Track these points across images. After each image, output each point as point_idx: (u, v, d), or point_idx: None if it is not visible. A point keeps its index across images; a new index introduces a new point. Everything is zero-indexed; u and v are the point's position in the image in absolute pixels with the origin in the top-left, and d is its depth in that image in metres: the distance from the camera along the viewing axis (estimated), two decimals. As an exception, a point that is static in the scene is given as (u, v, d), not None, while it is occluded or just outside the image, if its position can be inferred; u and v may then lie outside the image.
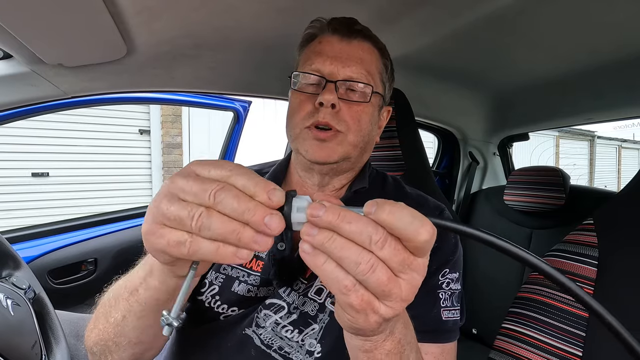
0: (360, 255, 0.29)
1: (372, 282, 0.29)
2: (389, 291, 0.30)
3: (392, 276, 0.30)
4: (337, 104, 0.60)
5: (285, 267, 0.60)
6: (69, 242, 1.49)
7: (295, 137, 0.64)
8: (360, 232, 0.29)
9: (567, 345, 0.59)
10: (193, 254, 0.32)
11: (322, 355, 0.55)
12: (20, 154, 4.24)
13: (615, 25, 0.88)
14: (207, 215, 0.30)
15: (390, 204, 0.30)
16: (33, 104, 0.95)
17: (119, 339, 0.48)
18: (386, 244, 0.29)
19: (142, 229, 0.34)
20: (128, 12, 0.67)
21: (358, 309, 0.31)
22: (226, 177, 0.31)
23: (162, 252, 0.33)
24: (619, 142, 13.27)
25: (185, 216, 0.30)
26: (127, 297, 0.45)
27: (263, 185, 0.31)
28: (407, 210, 0.30)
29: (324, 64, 0.62)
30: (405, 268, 0.30)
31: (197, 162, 0.33)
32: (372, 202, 0.30)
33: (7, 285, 0.72)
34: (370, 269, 0.29)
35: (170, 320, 0.33)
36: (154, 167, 5.10)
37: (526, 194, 1.46)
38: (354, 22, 0.66)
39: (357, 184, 0.68)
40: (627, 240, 0.62)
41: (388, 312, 0.31)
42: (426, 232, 0.29)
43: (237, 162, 0.33)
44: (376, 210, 0.29)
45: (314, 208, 0.30)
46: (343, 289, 0.30)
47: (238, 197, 0.30)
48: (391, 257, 0.29)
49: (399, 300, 0.31)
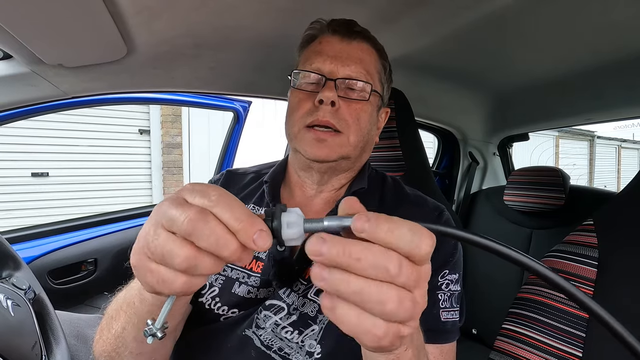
0: (382, 292, 0.26)
1: (401, 315, 0.27)
2: (414, 314, 0.28)
3: (412, 300, 0.27)
4: (337, 102, 0.60)
5: (284, 268, 0.60)
6: (69, 242, 1.49)
7: (294, 136, 0.64)
8: (374, 265, 0.26)
9: (566, 346, 0.59)
10: (182, 292, 0.31)
11: (322, 356, 0.55)
12: (20, 154, 4.23)
13: (615, 26, 0.88)
14: (195, 257, 0.29)
15: (387, 220, 0.27)
16: (33, 104, 0.95)
17: (120, 350, 0.48)
18: (402, 269, 0.26)
19: (131, 261, 0.33)
20: (128, 12, 0.67)
21: (390, 344, 0.28)
22: (209, 207, 0.29)
23: (150, 287, 0.32)
24: (618, 142, 13.27)
25: (167, 252, 0.29)
26: (126, 309, 0.46)
27: (248, 222, 0.28)
28: (406, 225, 0.27)
29: (324, 63, 0.62)
30: (418, 282, 0.28)
31: (190, 186, 0.32)
32: (362, 216, 0.27)
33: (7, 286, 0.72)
34: (398, 305, 0.26)
35: (155, 330, 0.33)
36: (154, 167, 5.10)
37: (526, 194, 1.46)
38: (354, 24, 0.67)
39: (356, 185, 0.68)
40: (627, 240, 0.62)
41: (409, 330, 0.29)
42: (427, 245, 0.27)
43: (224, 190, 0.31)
44: (370, 227, 0.27)
45: (314, 244, 0.27)
46: (375, 339, 0.27)
47: (213, 232, 0.28)
48: (408, 281, 0.27)
49: (417, 316, 0.29)
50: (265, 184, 0.69)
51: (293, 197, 0.70)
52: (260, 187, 0.71)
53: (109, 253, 1.56)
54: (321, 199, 0.68)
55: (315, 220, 0.30)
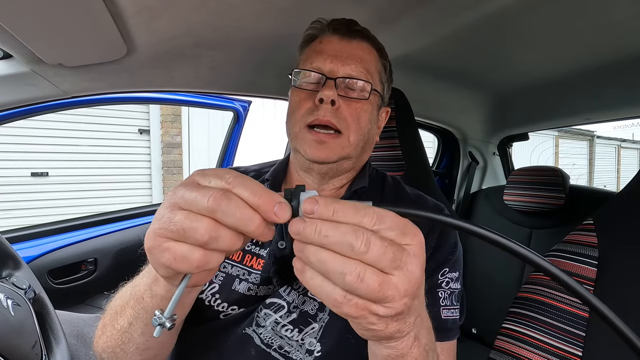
0: (345, 265, 0.28)
1: (363, 290, 0.28)
2: (383, 295, 0.29)
3: (383, 280, 0.29)
4: (337, 101, 0.60)
5: (285, 265, 0.60)
6: (68, 242, 1.49)
7: (294, 136, 0.64)
8: (338, 242, 0.28)
9: (567, 345, 0.59)
10: (200, 268, 0.31)
11: (322, 354, 0.55)
12: (19, 154, 4.23)
13: (615, 26, 0.88)
14: (215, 229, 0.30)
15: (333, 202, 0.30)
16: (33, 103, 0.95)
17: (126, 346, 0.48)
18: (370, 246, 0.28)
19: (145, 244, 0.33)
20: (128, 12, 0.67)
21: (355, 315, 0.30)
22: (229, 187, 0.31)
23: (166, 267, 0.32)
24: (618, 142, 13.27)
25: (188, 228, 0.30)
26: (133, 305, 0.45)
27: (268, 197, 0.31)
28: (349, 205, 0.30)
29: (324, 62, 0.62)
30: (397, 264, 0.29)
31: (199, 171, 0.33)
32: (312, 199, 0.30)
33: (7, 285, 0.72)
34: (357, 279, 0.28)
35: (163, 320, 0.33)
36: (154, 167, 5.09)
37: (526, 194, 1.46)
38: (354, 23, 0.67)
39: (357, 184, 0.68)
40: (627, 240, 0.62)
41: (388, 312, 0.30)
42: (370, 219, 0.29)
43: (237, 171, 0.33)
44: (318, 208, 0.29)
45: (295, 224, 0.30)
46: (334, 302, 0.30)
47: (240, 208, 0.30)
48: (379, 259, 0.28)
49: (397, 299, 0.30)
50: (267, 182, 0.69)
51: None
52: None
53: (109, 253, 1.56)
54: None
55: None
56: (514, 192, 1.50)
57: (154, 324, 0.33)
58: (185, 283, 0.34)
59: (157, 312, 0.33)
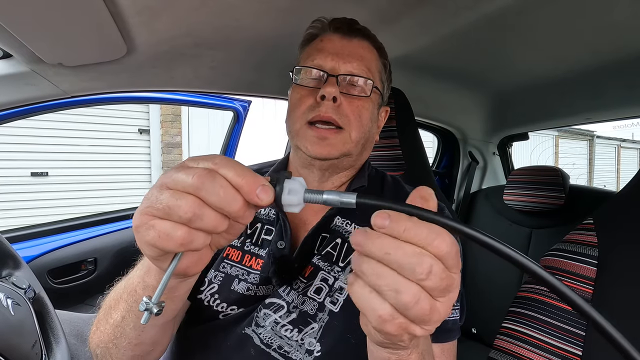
0: (403, 284, 0.28)
1: (414, 312, 0.28)
2: (429, 319, 0.29)
3: (433, 305, 0.29)
4: (339, 98, 0.60)
5: (284, 265, 0.60)
6: (68, 242, 1.49)
7: (295, 134, 0.64)
8: (401, 263, 0.28)
9: (567, 345, 0.59)
10: (184, 246, 0.31)
11: (321, 354, 0.55)
12: (19, 154, 4.23)
13: (615, 26, 0.88)
14: (199, 206, 0.30)
15: (407, 219, 0.29)
16: (33, 103, 0.95)
17: (118, 341, 0.48)
18: (431, 275, 0.28)
19: (133, 223, 0.34)
20: (128, 12, 0.67)
21: (394, 334, 0.30)
22: (215, 168, 0.31)
23: (151, 245, 0.32)
24: (618, 141, 13.28)
25: (173, 205, 0.30)
26: (126, 298, 0.45)
27: (251, 179, 0.31)
28: (424, 225, 0.28)
29: (325, 59, 0.63)
30: (446, 293, 0.29)
31: (191, 157, 0.34)
32: (384, 213, 0.29)
33: (7, 285, 0.72)
34: (413, 300, 0.28)
35: (151, 305, 0.33)
36: (154, 167, 5.09)
37: (526, 194, 1.46)
38: (355, 22, 0.67)
39: (356, 183, 0.68)
40: (627, 239, 0.62)
41: (424, 333, 0.30)
42: (444, 244, 0.28)
43: (227, 157, 0.33)
44: (390, 224, 0.28)
45: (356, 236, 0.30)
46: (378, 319, 0.29)
47: (223, 187, 0.30)
48: (435, 287, 0.28)
49: (436, 322, 0.30)
50: None
51: None
52: None
53: (108, 252, 1.56)
54: None
55: (316, 192, 0.32)
56: (514, 191, 1.50)
57: (141, 309, 0.33)
58: (174, 265, 0.34)
59: (144, 298, 0.33)
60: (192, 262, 0.36)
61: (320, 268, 0.60)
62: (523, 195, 1.47)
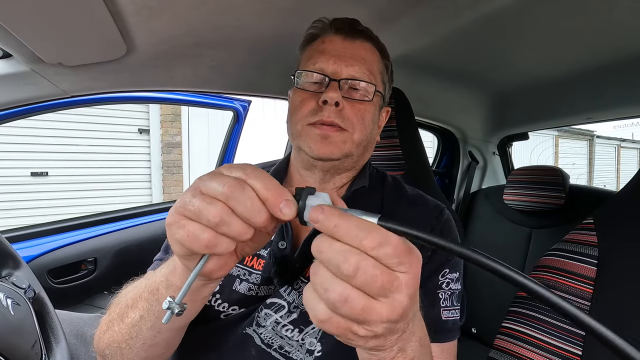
0: (330, 282, 0.29)
1: (345, 311, 0.29)
2: (365, 319, 0.29)
3: (367, 304, 0.28)
4: (341, 102, 0.60)
5: (286, 265, 0.60)
6: (68, 242, 1.49)
7: (297, 134, 0.64)
8: (329, 260, 0.29)
9: (567, 345, 0.59)
10: (209, 249, 0.33)
11: (322, 354, 0.55)
12: (19, 154, 4.23)
13: (615, 25, 0.88)
14: (227, 213, 0.32)
15: (339, 215, 0.29)
16: (32, 103, 0.95)
17: (133, 341, 0.48)
18: (358, 271, 0.28)
19: (166, 220, 0.36)
20: (128, 11, 0.67)
21: (337, 333, 0.31)
22: (245, 178, 0.33)
23: (179, 244, 0.34)
24: (618, 141, 13.28)
25: (203, 208, 0.32)
26: (147, 297, 0.46)
27: (277, 192, 0.32)
28: (354, 221, 0.29)
29: (327, 62, 0.62)
30: (384, 292, 0.29)
31: (226, 165, 0.36)
32: (319, 208, 0.30)
33: (7, 285, 0.72)
34: (340, 298, 0.28)
35: (174, 305, 0.34)
36: (153, 167, 5.09)
37: (526, 194, 1.46)
38: (356, 23, 0.67)
39: (357, 183, 0.68)
40: (627, 239, 0.62)
41: (368, 333, 0.30)
42: (372, 241, 0.28)
43: (258, 168, 0.35)
44: (322, 218, 0.30)
45: (313, 212, 0.31)
46: (316, 318, 0.30)
47: (250, 199, 0.32)
48: (366, 285, 0.28)
49: (378, 323, 0.30)
50: None
51: None
52: None
53: (108, 252, 1.56)
54: None
55: (338, 209, 0.32)
56: (514, 191, 1.50)
57: (164, 307, 0.34)
58: (200, 267, 0.36)
59: (168, 297, 0.35)
60: (217, 266, 0.38)
61: None
62: (523, 195, 1.47)
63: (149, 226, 1.69)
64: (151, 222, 1.71)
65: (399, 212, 0.67)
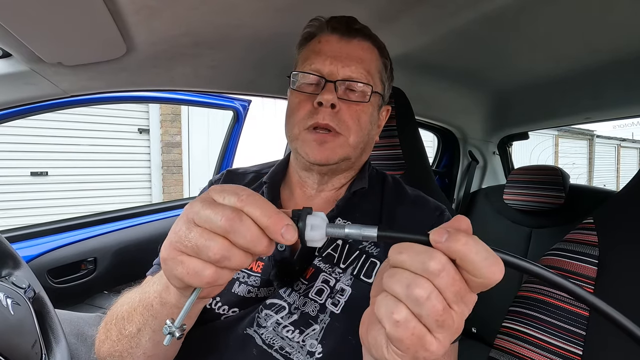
0: (415, 279, 0.29)
1: (427, 310, 0.28)
2: (443, 322, 0.29)
3: (446, 306, 0.29)
4: (337, 104, 0.60)
5: (285, 268, 0.60)
6: (68, 242, 1.49)
7: (294, 138, 0.63)
8: (412, 260, 0.29)
9: (567, 344, 0.59)
10: (211, 284, 0.32)
11: (322, 356, 0.55)
12: (19, 153, 4.22)
13: (615, 25, 0.88)
14: (228, 249, 0.31)
15: (463, 234, 0.29)
16: (32, 102, 0.95)
17: (134, 351, 0.48)
18: (444, 272, 0.28)
19: (161, 254, 0.34)
20: (127, 11, 0.67)
21: (408, 344, 0.29)
22: (239, 206, 0.32)
23: (178, 280, 0.33)
24: (618, 141, 13.28)
25: (202, 245, 0.31)
26: (142, 311, 0.46)
27: (276, 219, 0.31)
28: (483, 244, 0.29)
29: (323, 63, 0.62)
30: (459, 300, 0.29)
31: (216, 187, 0.34)
32: (441, 230, 0.30)
33: (7, 285, 0.72)
34: (425, 294, 0.28)
35: (173, 329, 0.34)
36: (153, 166, 5.09)
37: (526, 193, 1.46)
38: (354, 21, 0.66)
39: (357, 184, 0.68)
40: (627, 239, 0.62)
41: (439, 348, 0.30)
42: (499, 272, 0.29)
43: (251, 190, 0.34)
44: (448, 239, 0.29)
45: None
46: (391, 320, 0.29)
47: (250, 230, 0.31)
48: (448, 287, 0.28)
49: (450, 331, 0.30)
50: (264, 185, 0.69)
51: (293, 196, 0.70)
52: (260, 187, 0.71)
53: (108, 252, 1.56)
54: (321, 199, 0.68)
55: (337, 226, 0.33)
56: (514, 191, 1.50)
57: (165, 333, 0.34)
58: (196, 295, 0.35)
59: (167, 322, 0.35)
60: (214, 289, 0.38)
61: (321, 270, 0.60)
62: (523, 194, 1.47)
63: (148, 226, 1.69)
64: (151, 222, 1.71)
65: (399, 213, 0.67)
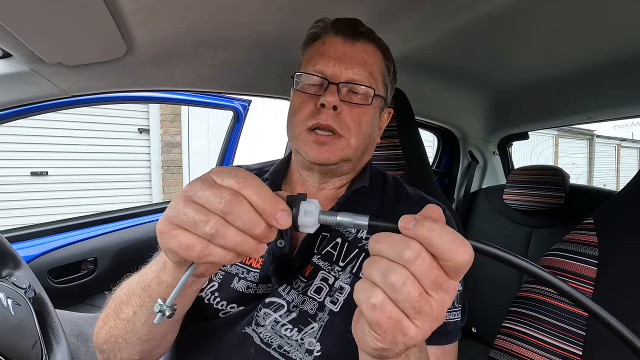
0: (391, 266, 0.29)
1: (403, 295, 0.29)
2: (420, 308, 0.29)
3: (423, 292, 0.29)
4: (339, 106, 0.60)
5: (284, 264, 0.60)
6: (68, 242, 1.49)
7: (295, 138, 0.64)
8: (389, 248, 0.30)
9: (567, 345, 0.59)
10: (202, 259, 0.33)
11: (321, 354, 0.55)
12: (19, 153, 4.22)
13: (615, 25, 0.88)
14: (223, 225, 0.32)
15: (429, 220, 0.30)
16: (32, 103, 0.95)
17: (128, 336, 0.48)
18: (419, 259, 0.29)
19: (157, 227, 0.35)
20: (127, 10, 0.67)
21: (386, 327, 0.30)
22: (237, 188, 0.32)
23: (172, 252, 0.34)
24: (618, 141, 13.27)
25: (198, 220, 0.32)
26: (140, 293, 0.46)
27: (272, 202, 0.32)
28: (448, 228, 0.30)
29: (327, 65, 0.62)
30: (437, 287, 0.30)
31: (216, 169, 0.35)
32: (409, 216, 0.30)
33: (8, 285, 0.72)
34: (400, 280, 0.29)
35: (164, 307, 0.35)
36: (153, 166, 5.09)
37: (526, 193, 1.46)
38: (358, 24, 0.66)
39: (358, 183, 0.68)
40: (627, 239, 0.62)
41: (418, 333, 0.30)
42: (466, 253, 0.29)
43: (249, 172, 0.34)
44: (414, 225, 0.30)
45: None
46: (368, 304, 0.30)
47: (247, 212, 0.32)
48: (424, 274, 0.29)
49: (429, 318, 0.30)
50: (266, 182, 0.69)
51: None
52: None
53: (108, 252, 1.56)
54: (322, 196, 0.69)
55: (330, 214, 0.34)
56: (514, 191, 1.50)
57: (155, 311, 0.35)
58: (190, 272, 0.36)
59: (159, 300, 0.35)
60: (209, 267, 0.39)
61: (320, 267, 0.60)
62: (523, 194, 1.47)
63: (148, 226, 1.69)
64: (151, 222, 1.71)
65: (399, 212, 0.67)
